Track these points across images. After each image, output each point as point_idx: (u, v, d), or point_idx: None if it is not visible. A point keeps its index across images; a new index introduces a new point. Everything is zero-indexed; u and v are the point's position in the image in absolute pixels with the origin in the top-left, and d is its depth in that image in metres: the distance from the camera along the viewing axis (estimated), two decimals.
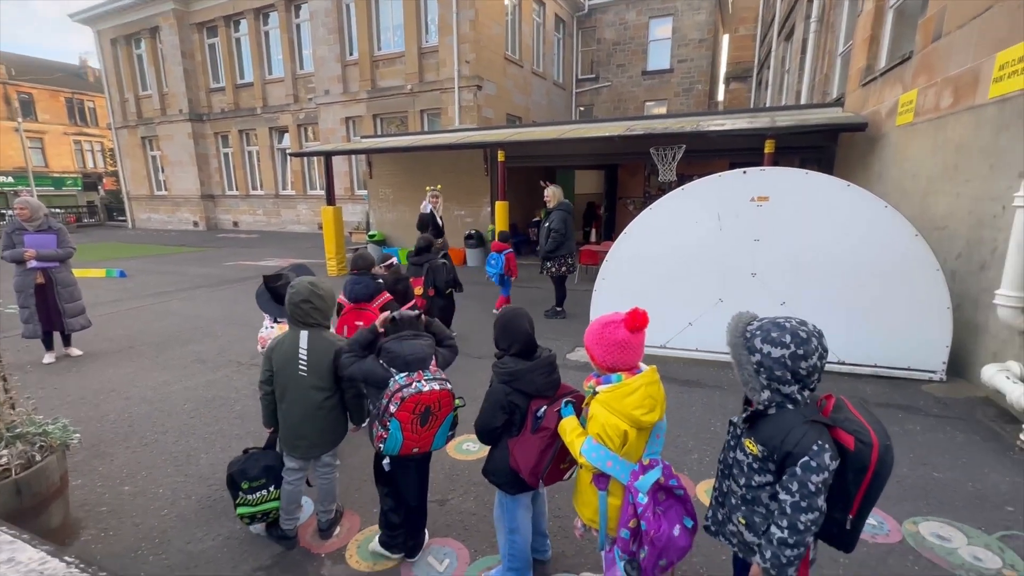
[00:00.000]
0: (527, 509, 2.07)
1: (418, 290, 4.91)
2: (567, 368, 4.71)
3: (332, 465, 2.49)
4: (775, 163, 6.27)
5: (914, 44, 5.40)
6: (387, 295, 3.62)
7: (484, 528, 2.54)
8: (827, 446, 1.31)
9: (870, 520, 2.59)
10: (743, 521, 1.50)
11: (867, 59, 6.82)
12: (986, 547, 2.35)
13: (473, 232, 10.57)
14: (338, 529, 2.56)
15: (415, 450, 2.07)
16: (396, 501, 2.27)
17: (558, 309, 6.45)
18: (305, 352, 2.27)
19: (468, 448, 3.27)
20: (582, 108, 20.08)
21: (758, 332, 1.40)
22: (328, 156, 9.99)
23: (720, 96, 20.35)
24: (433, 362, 2.12)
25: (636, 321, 1.63)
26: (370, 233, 11.84)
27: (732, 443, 1.56)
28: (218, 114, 18.90)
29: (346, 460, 3.09)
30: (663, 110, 18.66)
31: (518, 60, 14.61)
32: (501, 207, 8.26)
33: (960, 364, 4.16)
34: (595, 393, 1.68)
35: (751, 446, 1.44)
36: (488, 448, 2.05)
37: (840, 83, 8.45)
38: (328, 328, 2.42)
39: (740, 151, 7.98)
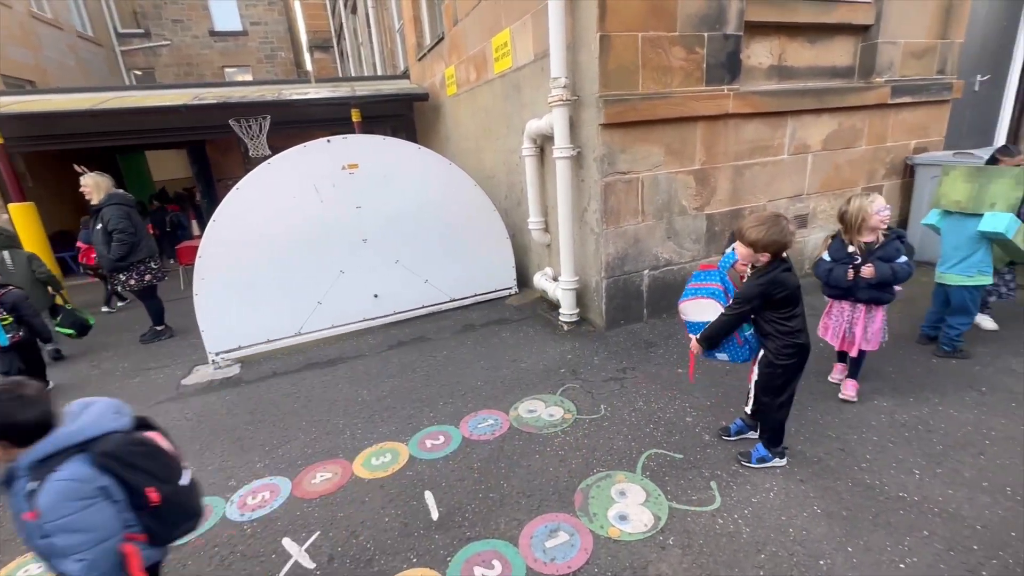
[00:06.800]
0: None
1: None
2: (187, 395, 3.81)
3: None
4: (367, 132, 6.56)
5: (445, 26, 6.46)
6: None
7: None
8: None
9: (488, 420, 3.19)
10: None
11: (416, 37, 7.81)
12: (555, 404, 3.24)
13: None
14: None
15: None
16: None
17: (158, 328, 5.10)
18: None
19: None
20: (138, 72, 15.96)
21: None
22: None
23: (308, 66, 19.88)
24: None
25: None
26: None
27: None
28: None
29: None
30: (248, 77, 16.86)
31: None
32: (20, 212, 5.71)
33: (523, 277, 5.55)
34: None
35: None
36: None
37: (404, 57, 9.46)
38: None
39: (333, 122, 7.96)
